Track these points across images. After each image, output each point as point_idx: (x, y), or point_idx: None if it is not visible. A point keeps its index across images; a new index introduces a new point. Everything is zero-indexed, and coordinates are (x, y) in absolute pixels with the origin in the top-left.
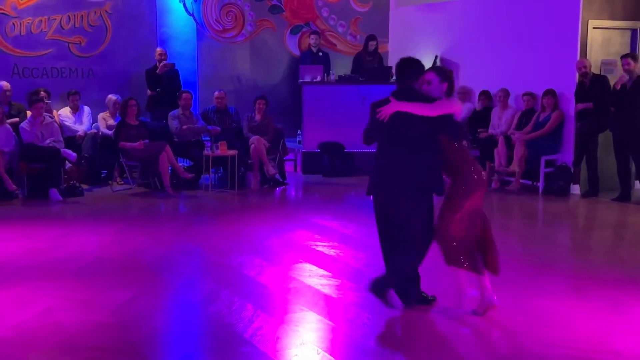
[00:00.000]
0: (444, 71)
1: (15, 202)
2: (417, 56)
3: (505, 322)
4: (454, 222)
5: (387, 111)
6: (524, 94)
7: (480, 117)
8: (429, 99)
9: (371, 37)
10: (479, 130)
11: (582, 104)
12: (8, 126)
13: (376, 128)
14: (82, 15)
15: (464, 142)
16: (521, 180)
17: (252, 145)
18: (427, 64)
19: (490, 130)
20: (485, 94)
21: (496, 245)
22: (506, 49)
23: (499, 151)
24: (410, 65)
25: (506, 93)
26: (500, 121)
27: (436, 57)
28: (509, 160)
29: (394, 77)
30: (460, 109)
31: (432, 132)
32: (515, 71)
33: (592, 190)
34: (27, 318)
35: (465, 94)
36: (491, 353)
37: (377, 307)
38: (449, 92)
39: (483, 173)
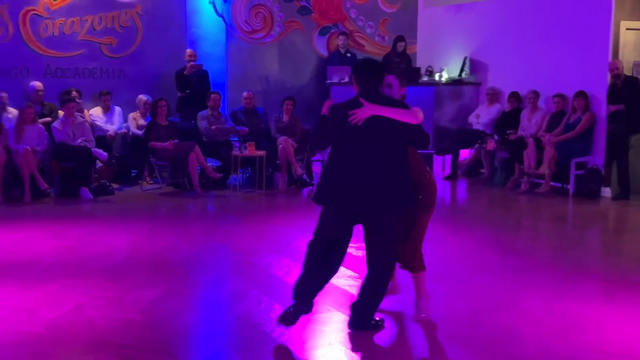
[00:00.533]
0: (403, 76)
1: (47, 200)
2: (446, 57)
3: (534, 325)
4: (418, 229)
5: (362, 115)
6: (555, 96)
7: (510, 119)
8: (397, 103)
9: (399, 38)
10: (508, 132)
11: (614, 105)
12: (40, 125)
13: (341, 132)
14: (113, 16)
15: (493, 143)
16: (551, 183)
17: (280, 146)
18: (457, 65)
19: (520, 132)
20: (514, 96)
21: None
22: (536, 49)
23: (529, 153)
24: (376, 68)
25: (536, 94)
26: (530, 123)
27: (465, 58)
28: (539, 162)
29: (353, 80)
30: (422, 119)
31: (405, 139)
32: (545, 72)
33: (623, 193)
34: (58, 315)
35: (494, 95)
36: (520, 356)
37: (405, 309)
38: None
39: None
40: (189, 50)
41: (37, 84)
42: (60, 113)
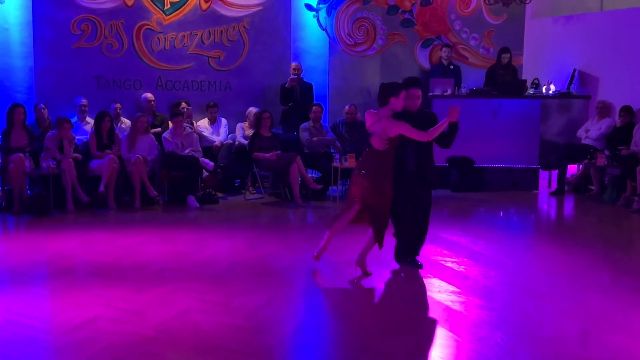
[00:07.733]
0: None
1: (156, 207)
2: (554, 69)
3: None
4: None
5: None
6: None
7: (621, 134)
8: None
9: (504, 50)
10: (619, 147)
11: None
12: (152, 136)
13: None
14: (221, 31)
15: (603, 159)
16: None
17: None
18: (565, 77)
19: (632, 148)
20: (626, 110)
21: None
22: None
23: None
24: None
25: None
26: None
27: (574, 70)
28: None
29: None
30: (369, 122)
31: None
32: None
33: None
34: (167, 318)
35: (605, 109)
36: None
37: (511, 328)
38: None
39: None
40: (294, 64)
41: (149, 95)
42: (171, 124)
